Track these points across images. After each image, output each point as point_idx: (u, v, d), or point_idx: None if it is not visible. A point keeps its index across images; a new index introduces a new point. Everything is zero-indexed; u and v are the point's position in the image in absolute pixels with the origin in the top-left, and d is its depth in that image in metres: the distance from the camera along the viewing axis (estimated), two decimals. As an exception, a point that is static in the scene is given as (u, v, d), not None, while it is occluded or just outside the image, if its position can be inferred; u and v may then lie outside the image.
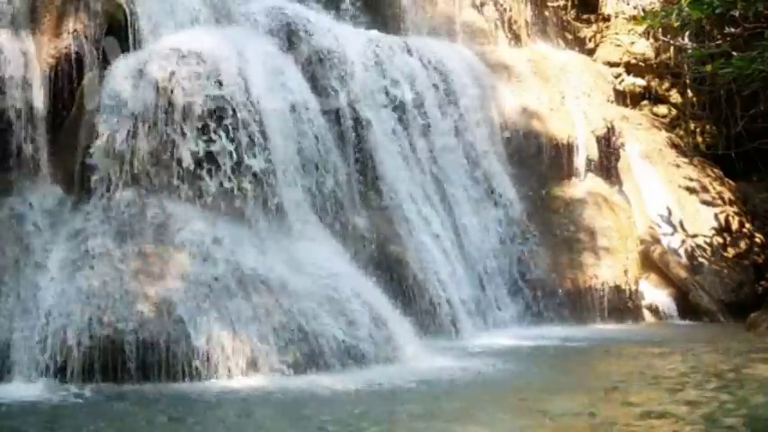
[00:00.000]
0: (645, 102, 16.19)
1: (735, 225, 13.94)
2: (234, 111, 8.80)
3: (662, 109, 16.24)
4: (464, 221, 11.29)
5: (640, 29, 15.52)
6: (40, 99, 8.78)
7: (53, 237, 8.26)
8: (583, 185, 12.66)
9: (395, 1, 13.24)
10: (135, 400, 6.67)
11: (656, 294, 12.91)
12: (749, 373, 7.87)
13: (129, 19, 9.30)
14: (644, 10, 15.27)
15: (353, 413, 6.15)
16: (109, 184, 8.50)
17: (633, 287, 12.28)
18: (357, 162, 10.43)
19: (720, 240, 13.70)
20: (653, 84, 16.22)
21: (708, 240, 13.63)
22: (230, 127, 8.75)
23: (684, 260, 13.38)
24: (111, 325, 7.28)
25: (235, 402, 6.62)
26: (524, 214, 11.99)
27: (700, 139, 16.13)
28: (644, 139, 14.75)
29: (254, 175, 8.79)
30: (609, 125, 13.14)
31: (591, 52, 15.85)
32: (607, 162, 13.08)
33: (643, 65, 16.00)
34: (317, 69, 10.50)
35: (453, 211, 11.26)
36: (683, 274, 13.06)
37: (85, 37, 9.05)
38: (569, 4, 16.33)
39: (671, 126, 15.89)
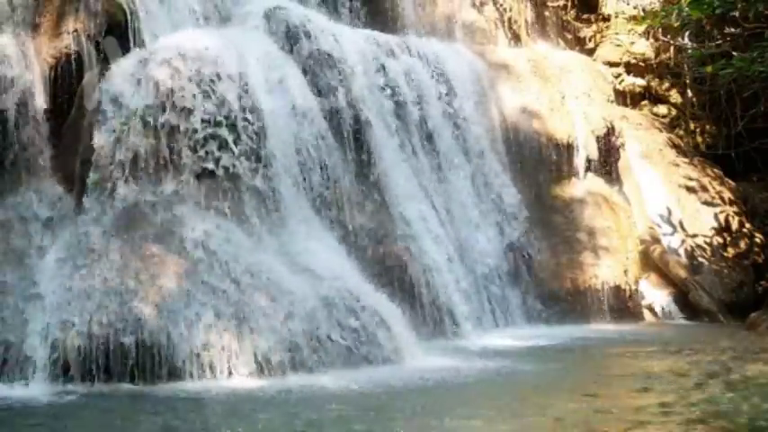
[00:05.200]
0: (645, 102, 16.21)
1: (735, 225, 13.94)
2: (234, 111, 8.81)
3: (662, 109, 16.26)
4: (464, 221, 11.29)
5: (640, 29, 15.53)
6: (40, 99, 8.79)
7: (53, 236, 8.27)
8: (583, 185, 12.66)
9: (395, 1, 13.24)
10: (134, 400, 6.68)
11: (656, 294, 12.91)
12: (748, 374, 7.86)
13: (129, 19, 9.31)
14: (644, 10, 15.29)
15: (353, 413, 6.16)
16: (109, 184, 8.50)
17: (633, 287, 12.28)
18: (357, 162, 10.42)
19: (720, 240, 13.70)
20: (653, 84, 16.23)
21: (708, 240, 13.63)
22: (230, 127, 8.76)
23: (684, 260, 13.37)
24: (110, 325, 7.29)
25: (235, 403, 6.63)
26: (524, 214, 11.99)
27: (700, 139, 16.14)
28: (644, 139, 14.75)
29: (254, 175, 8.80)
30: (609, 125, 13.14)
31: (591, 52, 15.86)
32: (607, 162, 13.08)
33: (643, 65, 16.00)
34: (316, 69, 10.49)
35: (453, 211, 11.26)
36: (683, 274, 13.05)
37: (86, 37, 9.06)
38: (569, 4, 16.34)
39: (671, 126, 15.90)
